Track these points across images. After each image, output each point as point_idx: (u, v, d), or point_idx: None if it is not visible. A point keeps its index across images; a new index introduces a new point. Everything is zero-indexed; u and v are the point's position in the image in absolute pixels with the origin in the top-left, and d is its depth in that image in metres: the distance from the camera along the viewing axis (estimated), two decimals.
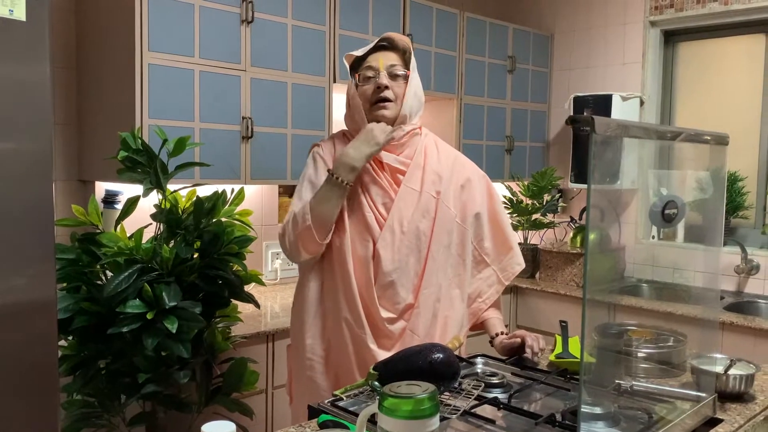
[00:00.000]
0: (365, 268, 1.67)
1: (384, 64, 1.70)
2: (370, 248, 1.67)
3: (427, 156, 1.77)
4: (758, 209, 3.47)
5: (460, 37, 3.54)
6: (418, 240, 1.70)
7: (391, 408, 0.98)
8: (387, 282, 1.67)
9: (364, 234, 1.68)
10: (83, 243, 1.99)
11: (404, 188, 1.71)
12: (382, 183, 1.71)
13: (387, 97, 1.69)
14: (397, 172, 1.73)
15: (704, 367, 1.50)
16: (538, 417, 1.27)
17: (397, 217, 1.69)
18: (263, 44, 2.70)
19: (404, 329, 1.69)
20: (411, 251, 1.69)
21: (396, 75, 1.71)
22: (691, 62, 3.73)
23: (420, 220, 1.70)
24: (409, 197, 1.71)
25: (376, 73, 1.70)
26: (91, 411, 2.06)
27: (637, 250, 3.56)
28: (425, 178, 1.73)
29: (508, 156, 3.90)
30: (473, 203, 1.79)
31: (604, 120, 1.01)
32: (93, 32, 2.60)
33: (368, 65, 1.72)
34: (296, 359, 1.82)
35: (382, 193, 1.70)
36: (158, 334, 1.91)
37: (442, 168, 1.77)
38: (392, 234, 1.68)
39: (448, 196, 1.75)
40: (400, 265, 1.68)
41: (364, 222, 1.68)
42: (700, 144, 1.42)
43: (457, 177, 1.79)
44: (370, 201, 1.70)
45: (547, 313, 3.46)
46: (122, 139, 2.03)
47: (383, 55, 1.72)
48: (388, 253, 1.67)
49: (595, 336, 1.41)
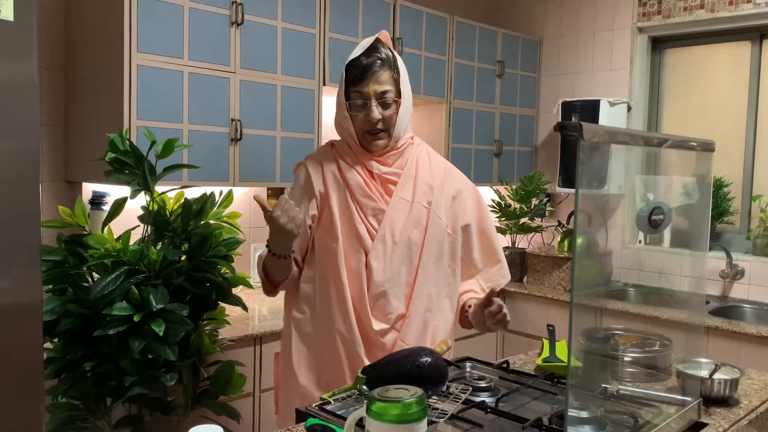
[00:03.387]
0: (358, 280, 1.67)
1: (375, 92, 1.66)
2: (362, 259, 1.67)
3: (419, 167, 1.76)
4: (743, 215, 3.50)
5: (450, 41, 3.55)
6: (409, 250, 1.69)
7: (379, 412, 0.98)
8: (379, 292, 1.67)
9: (356, 245, 1.67)
10: (70, 244, 1.98)
11: (396, 198, 1.70)
12: (373, 194, 1.70)
13: (379, 128, 1.68)
14: (389, 182, 1.72)
15: (689, 371, 1.51)
16: (525, 421, 1.27)
17: (389, 228, 1.68)
18: (253, 46, 2.70)
19: (395, 340, 1.68)
20: (403, 261, 1.69)
21: (387, 104, 1.68)
22: (678, 68, 3.76)
23: (411, 231, 1.69)
24: (400, 207, 1.70)
25: (366, 103, 1.66)
26: (77, 414, 2.04)
27: (623, 254, 3.58)
28: (417, 189, 1.72)
29: (497, 160, 3.91)
30: (464, 215, 1.79)
31: (591, 126, 1.02)
32: (81, 33, 2.58)
33: (358, 91, 1.67)
34: (285, 368, 1.80)
35: (373, 204, 1.69)
36: (145, 337, 1.90)
37: (434, 179, 1.76)
38: (384, 245, 1.67)
39: (440, 207, 1.74)
40: (392, 276, 1.67)
41: (356, 233, 1.67)
42: (686, 150, 1.43)
43: (448, 188, 1.78)
44: (361, 212, 1.69)
45: (534, 317, 3.48)
46: (110, 141, 2.02)
47: (374, 78, 1.66)
48: (380, 263, 1.66)
49: (582, 340, 1.42)
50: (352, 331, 1.66)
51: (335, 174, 1.72)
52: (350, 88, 1.68)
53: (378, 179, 1.72)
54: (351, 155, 1.73)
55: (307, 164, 1.77)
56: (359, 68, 1.67)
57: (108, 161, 2.02)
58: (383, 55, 1.68)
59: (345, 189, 1.70)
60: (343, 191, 1.70)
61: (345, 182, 1.70)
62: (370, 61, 1.67)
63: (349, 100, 1.68)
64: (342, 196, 1.70)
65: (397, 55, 1.74)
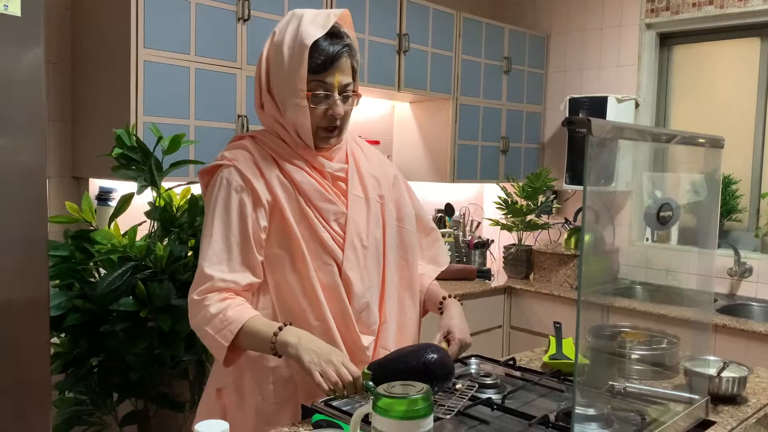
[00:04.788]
0: (335, 294, 1.46)
1: (339, 84, 1.44)
2: (334, 271, 1.46)
3: (357, 157, 1.58)
4: (752, 212, 3.48)
5: (457, 37, 3.54)
6: (377, 252, 1.54)
7: (385, 408, 0.98)
8: (362, 304, 1.49)
9: (325, 257, 1.45)
10: (76, 240, 1.99)
11: (352, 197, 1.51)
12: (330, 196, 1.48)
13: (337, 125, 1.47)
14: (339, 179, 1.52)
15: (697, 369, 1.50)
16: (531, 418, 1.27)
17: (356, 233, 1.49)
18: (260, 42, 2.68)
19: (376, 348, 1.53)
20: (373, 266, 1.53)
21: (347, 97, 1.47)
22: (686, 65, 3.74)
23: (375, 231, 1.54)
24: (359, 207, 1.52)
25: (329, 95, 1.44)
26: (83, 409, 2.05)
27: (630, 252, 3.57)
28: (366, 183, 1.55)
29: (503, 157, 3.90)
30: (404, 201, 1.65)
31: (600, 122, 1.01)
32: (88, 28, 2.58)
33: (320, 81, 1.42)
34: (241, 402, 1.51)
35: (334, 209, 1.48)
36: (151, 333, 1.91)
37: (374, 169, 1.60)
38: (355, 252, 1.48)
39: (389, 199, 1.60)
40: (370, 284, 1.51)
41: (322, 244, 1.45)
42: (695, 147, 1.42)
43: (387, 176, 1.63)
44: (322, 219, 1.46)
45: (540, 314, 3.47)
46: (117, 136, 2.02)
47: (339, 70, 1.43)
48: (356, 273, 1.48)
49: (588, 337, 1.41)
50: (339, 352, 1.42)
51: (279, 177, 1.45)
52: (309, 74, 1.41)
53: (328, 177, 1.50)
54: (291, 152, 1.48)
55: (237, 165, 1.44)
56: (324, 55, 1.41)
57: (114, 157, 2.02)
58: (349, 41, 1.46)
59: (296, 194, 1.45)
60: (294, 198, 1.45)
61: (294, 186, 1.45)
62: (338, 48, 1.43)
63: (308, 90, 1.42)
64: (294, 203, 1.45)
65: (356, 39, 1.52)
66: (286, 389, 1.46)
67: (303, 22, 1.42)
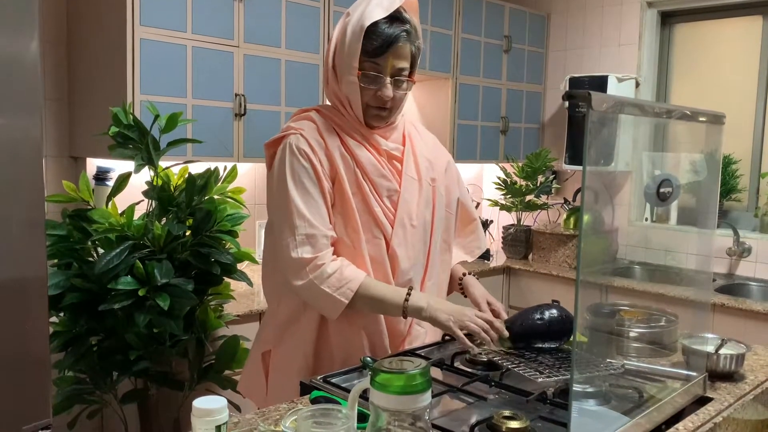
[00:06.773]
0: (382, 268, 1.53)
1: (393, 68, 1.48)
2: (382, 246, 1.53)
3: (413, 139, 1.63)
4: (751, 192, 3.47)
5: (457, 15, 3.50)
6: (425, 233, 1.61)
7: (383, 383, 0.98)
8: (405, 281, 1.56)
9: (375, 231, 1.52)
10: (74, 219, 1.98)
11: (406, 178, 1.57)
12: (385, 172, 1.54)
13: (387, 107, 1.52)
14: (394, 158, 1.58)
15: (695, 346, 1.51)
16: (529, 394, 1.27)
17: (406, 211, 1.56)
18: (257, 20, 2.67)
19: (411, 324, 1.61)
20: (420, 245, 1.59)
21: (401, 82, 1.51)
22: (687, 44, 3.71)
23: (425, 212, 1.60)
24: (411, 187, 1.58)
25: (380, 77, 1.48)
26: (83, 388, 2.06)
27: (629, 232, 3.57)
28: (420, 165, 1.61)
29: (503, 137, 3.88)
30: (454, 187, 1.72)
31: (601, 95, 1.00)
32: (84, 7, 2.56)
33: (375, 63, 1.47)
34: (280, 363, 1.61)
35: (387, 185, 1.54)
36: (150, 312, 1.91)
37: (430, 152, 1.66)
38: (404, 229, 1.55)
39: (441, 183, 1.66)
40: (415, 262, 1.58)
41: (374, 218, 1.52)
42: (695, 124, 1.41)
43: (441, 161, 1.69)
44: (376, 194, 1.53)
45: (539, 293, 3.47)
46: (113, 115, 2.01)
47: (394, 53, 1.47)
48: (404, 250, 1.55)
49: (587, 316, 1.41)
50: (378, 323, 1.55)
51: (340, 148, 1.51)
52: (364, 56, 1.46)
53: (384, 155, 1.56)
54: (354, 128, 1.54)
55: (303, 133, 1.50)
56: (382, 38, 1.45)
57: (111, 135, 2.01)
58: (409, 27, 1.49)
59: (355, 168, 1.51)
60: (352, 170, 1.51)
61: (355, 160, 1.51)
62: (396, 32, 1.46)
63: (361, 70, 1.47)
64: (352, 176, 1.51)
65: (420, 26, 1.56)
66: (323, 356, 1.56)
67: (371, 3, 1.47)
